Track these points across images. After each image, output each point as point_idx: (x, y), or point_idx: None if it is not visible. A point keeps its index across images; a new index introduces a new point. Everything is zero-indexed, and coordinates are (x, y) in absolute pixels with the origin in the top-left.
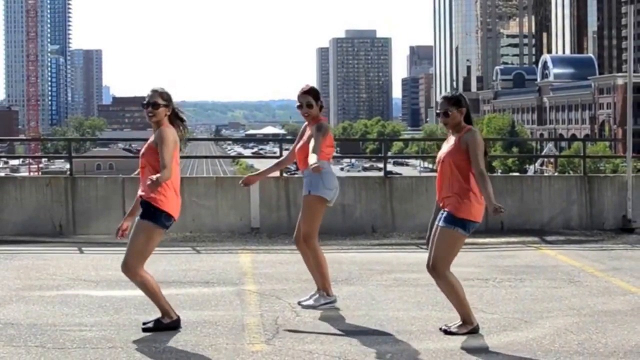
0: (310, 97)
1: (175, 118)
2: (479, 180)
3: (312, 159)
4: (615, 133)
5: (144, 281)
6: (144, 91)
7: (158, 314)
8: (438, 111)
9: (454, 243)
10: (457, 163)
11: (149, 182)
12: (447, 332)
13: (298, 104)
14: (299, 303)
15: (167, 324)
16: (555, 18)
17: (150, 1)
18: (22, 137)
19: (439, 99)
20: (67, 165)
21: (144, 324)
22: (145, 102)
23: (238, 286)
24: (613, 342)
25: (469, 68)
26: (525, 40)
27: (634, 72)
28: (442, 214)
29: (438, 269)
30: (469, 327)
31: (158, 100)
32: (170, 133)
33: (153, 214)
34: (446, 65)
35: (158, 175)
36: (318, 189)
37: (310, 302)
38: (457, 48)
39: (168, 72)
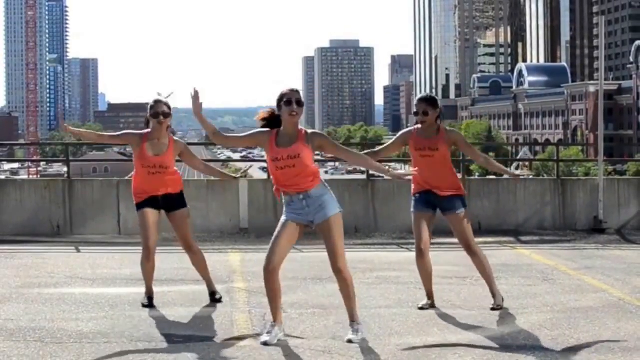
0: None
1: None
2: (486, 162)
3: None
4: (587, 138)
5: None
6: (137, 98)
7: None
8: (416, 111)
9: (468, 220)
10: (447, 156)
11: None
12: (494, 309)
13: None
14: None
15: None
16: (530, 28)
17: (142, 12)
18: (21, 141)
19: (416, 99)
20: (65, 169)
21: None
22: (160, 111)
23: (227, 284)
24: (585, 338)
25: (447, 76)
26: (502, 50)
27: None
28: (449, 200)
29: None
30: (499, 298)
31: (166, 110)
32: None
33: (184, 199)
34: (426, 74)
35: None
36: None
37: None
38: (436, 57)
39: (160, 79)
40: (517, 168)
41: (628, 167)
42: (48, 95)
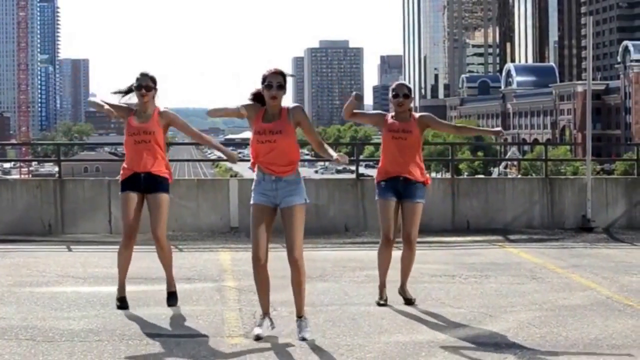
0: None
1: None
2: (459, 130)
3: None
4: (575, 137)
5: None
6: (128, 98)
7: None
8: (397, 93)
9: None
10: (419, 141)
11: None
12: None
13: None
14: None
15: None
16: (519, 29)
17: (133, 12)
18: (13, 141)
19: (395, 84)
20: (56, 168)
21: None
22: (143, 84)
23: (218, 282)
24: (573, 335)
25: (436, 76)
26: (490, 50)
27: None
28: (413, 187)
29: (415, 241)
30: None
31: (150, 83)
32: None
33: (168, 186)
34: (415, 74)
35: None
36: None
37: None
38: (425, 57)
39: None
40: (505, 167)
41: (616, 167)
42: (39, 95)
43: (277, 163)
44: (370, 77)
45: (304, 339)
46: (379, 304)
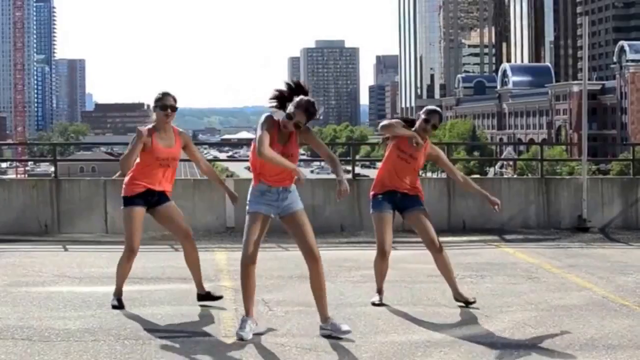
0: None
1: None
2: (465, 183)
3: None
4: (571, 138)
5: None
6: (124, 98)
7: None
8: (429, 119)
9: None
10: (420, 166)
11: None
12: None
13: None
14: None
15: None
16: (514, 29)
17: (128, 12)
18: (9, 141)
19: (428, 110)
20: (52, 168)
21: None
22: (169, 104)
23: (214, 282)
24: (569, 335)
25: (432, 76)
26: (486, 50)
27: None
28: (411, 198)
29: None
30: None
31: (175, 104)
32: None
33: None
34: (411, 74)
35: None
36: None
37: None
38: (421, 57)
39: (146, 80)
40: (501, 167)
41: (612, 167)
42: (36, 96)
43: (285, 179)
44: (367, 77)
45: (348, 331)
46: (374, 304)
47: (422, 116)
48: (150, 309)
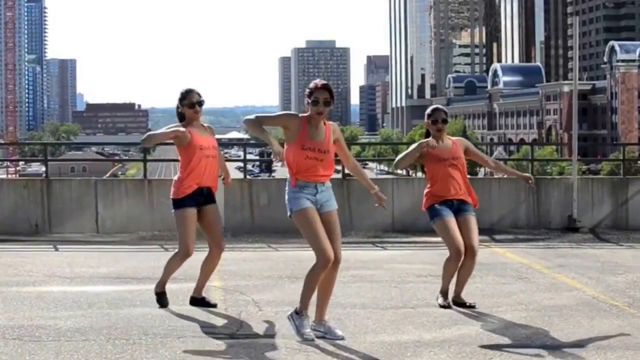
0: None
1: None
2: (498, 166)
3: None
4: (562, 138)
5: None
6: (115, 98)
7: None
8: (437, 119)
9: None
10: (464, 162)
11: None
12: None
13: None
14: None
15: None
16: (505, 29)
17: (119, 12)
18: (0, 141)
19: (428, 112)
20: (43, 168)
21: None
22: (197, 100)
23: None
24: (559, 336)
25: (423, 76)
26: (477, 50)
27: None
28: (464, 205)
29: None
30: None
31: (201, 98)
32: None
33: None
34: (401, 74)
35: None
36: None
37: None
38: (411, 57)
39: (137, 80)
40: None
41: (602, 167)
42: (27, 95)
43: (323, 176)
44: (357, 77)
45: (342, 337)
46: (442, 306)
47: (429, 121)
48: (141, 309)
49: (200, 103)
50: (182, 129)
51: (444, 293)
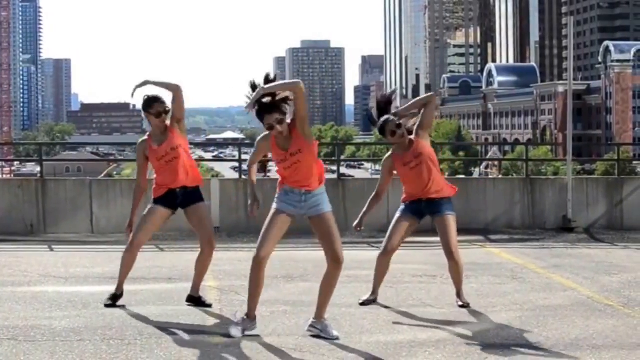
0: None
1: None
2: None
3: None
4: (556, 138)
5: None
6: (110, 98)
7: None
8: (395, 131)
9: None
10: (429, 156)
11: None
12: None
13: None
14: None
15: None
16: (500, 29)
17: (114, 12)
18: None
19: (380, 127)
20: (38, 168)
21: None
22: (162, 110)
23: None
24: (554, 336)
25: (417, 76)
26: (471, 50)
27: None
28: (439, 204)
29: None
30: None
31: (166, 107)
32: None
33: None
34: (396, 74)
35: None
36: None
37: None
38: (406, 57)
39: (132, 80)
40: (486, 167)
41: (596, 167)
42: (21, 96)
43: (307, 181)
44: (352, 77)
45: (337, 338)
46: (360, 304)
47: (387, 137)
48: (136, 309)
49: (166, 111)
50: (142, 147)
51: (374, 290)
